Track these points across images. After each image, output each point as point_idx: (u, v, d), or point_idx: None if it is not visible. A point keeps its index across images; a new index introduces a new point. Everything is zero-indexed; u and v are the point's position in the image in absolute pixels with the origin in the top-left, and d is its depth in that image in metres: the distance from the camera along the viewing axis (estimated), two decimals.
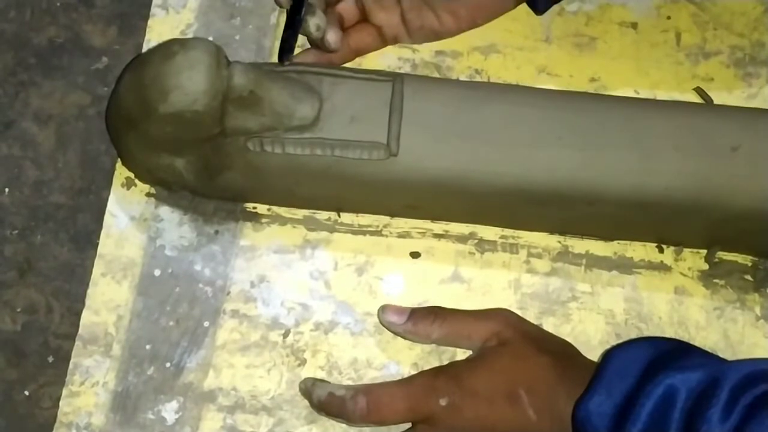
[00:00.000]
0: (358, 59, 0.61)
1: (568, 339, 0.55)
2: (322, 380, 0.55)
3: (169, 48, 0.51)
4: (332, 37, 0.57)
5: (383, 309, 0.56)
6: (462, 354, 0.56)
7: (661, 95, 0.61)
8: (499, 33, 0.62)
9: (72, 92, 0.61)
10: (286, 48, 0.56)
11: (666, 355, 0.48)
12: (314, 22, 0.56)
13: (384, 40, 0.61)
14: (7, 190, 0.59)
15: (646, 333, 0.57)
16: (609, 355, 0.50)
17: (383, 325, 0.56)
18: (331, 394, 0.53)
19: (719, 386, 0.45)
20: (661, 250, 0.59)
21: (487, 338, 0.53)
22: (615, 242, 0.59)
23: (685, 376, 0.46)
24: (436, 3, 0.59)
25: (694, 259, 0.59)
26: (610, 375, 0.48)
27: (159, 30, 0.61)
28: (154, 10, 0.62)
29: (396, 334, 0.56)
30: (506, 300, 0.58)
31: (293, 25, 0.56)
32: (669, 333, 0.57)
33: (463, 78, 0.61)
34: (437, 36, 0.61)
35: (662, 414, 0.46)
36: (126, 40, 0.62)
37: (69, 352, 0.56)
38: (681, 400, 0.45)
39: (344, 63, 0.59)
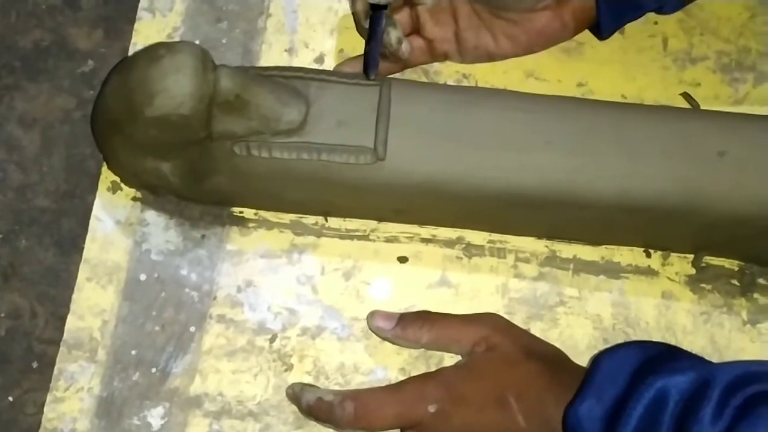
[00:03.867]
0: None
1: (556, 344, 0.55)
2: (311, 385, 0.55)
3: (155, 51, 0.51)
4: (407, 47, 0.56)
5: (372, 315, 0.55)
6: (450, 359, 0.56)
7: (648, 100, 0.61)
8: None
9: (57, 96, 0.60)
10: (372, 63, 0.55)
11: (655, 358, 0.48)
12: (396, 34, 0.56)
13: (434, 54, 0.60)
14: None
15: (634, 338, 0.57)
16: (598, 359, 0.49)
17: (372, 331, 0.56)
18: (320, 399, 0.53)
19: (710, 388, 0.45)
20: (649, 255, 0.59)
21: (476, 343, 0.53)
22: (602, 247, 0.59)
23: (675, 378, 0.46)
24: (496, 25, 0.58)
25: (681, 264, 0.59)
26: (599, 379, 0.48)
27: (145, 33, 0.61)
28: (140, 13, 0.62)
29: (385, 339, 0.56)
30: (494, 305, 0.58)
31: (376, 38, 0.55)
32: (656, 337, 0.57)
33: (450, 82, 0.61)
34: (490, 58, 0.60)
35: (653, 417, 0.46)
36: (112, 43, 0.61)
37: (53, 357, 0.55)
38: (672, 402, 0.45)
39: (390, 74, 0.59)
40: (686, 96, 0.62)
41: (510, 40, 0.59)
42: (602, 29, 0.59)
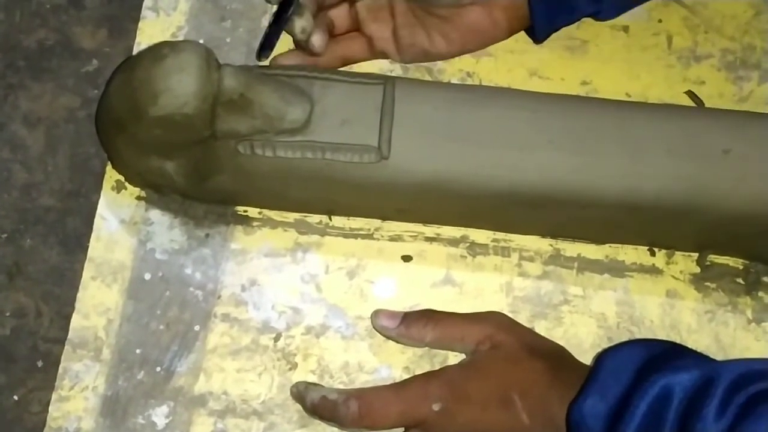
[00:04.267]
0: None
1: (560, 342, 0.55)
2: (315, 384, 0.55)
3: (159, 50, 0.51)
4: (317, 41, 0.57)
5: (376, 314, 0.55)
6: (455, 357, 0.56)
7: (653, 98, 0.61)
8: None
9: (62, 95, 0.60)
10: (266, 45, 0.56)
11: (659, 356, 0.48)
12: (300, 23, 0.56)
13: (373, 52, 0.60)
14: None
15: (638, 336, 0.57)
16: (602, 357, 0.50)
17: (376, 330, 0.56)
18: (324, 397, 0.53)
19: (713, 385, 0.45)
20: (653, 254, 0.59)
21: (480, 341, 0.53)
22: (607, 245, 0.59)
23: (679, 376, 0.46)
24: (430, 23, 0.59)
25: (685, 263, 0.59)
26: (604, 377, 0.48)
27: (149, 32, 0.61)
28: (144, 12, 0.62)
29: (389, 338, 0.56)
30: (498, 303, 0.58)
31: (278, 23, 0.56)
32: (661, 336, 0.57)
33: (454, 81, 0.61)
34: (426, 57, 0.60)
35: (657, 414, 0.46)
36: (116, 42, 0.61)
37: (58, 356, 0.55)
38: (676, 399, 0.45)
39: (332, 67, 0.59)
40: (690, 94, 0.62)
41: (443, 37, 0.59)
42: (536, 31, 0.59)
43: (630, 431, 0.46)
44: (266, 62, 0.59)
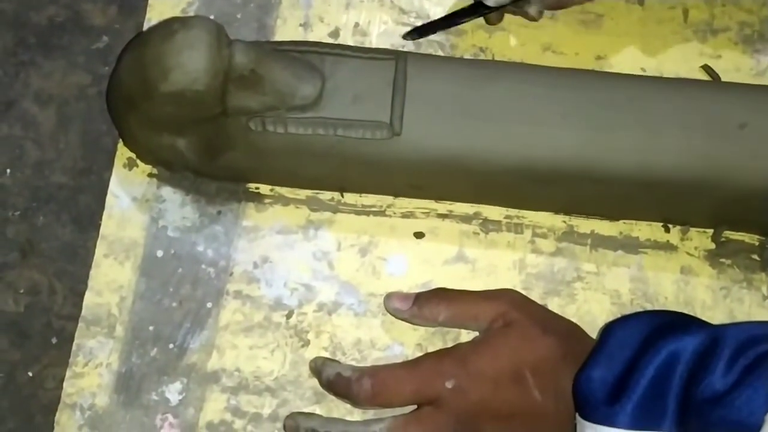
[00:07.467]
0: (360, 38, 0.61)
1: (574, 319, 0.55)
2: (333, 360, 0.55)
3: (169, 26, 0.51)
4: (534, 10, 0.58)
5: (388, 297, 0.55)
6: (467, 334, 0.56)
7: (668, 73, 0.61)
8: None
9: (72, 72, 0.60)
10: (424, 31, 0.59)
11: (666, 325, 0.48)
12: (536, 8, 0.58)
13: None
14: (8, 170, 0.59)
15: None
16: (609, 328, 0.50)
17: (389, 313, 0.55)
18: (338, 374, 0.53)
19: (719, 346, 0.45)
20: (668, 230, 0.59)
21: (493, 319, 0.53)
22: (621, 222, 0.59)
23: (684, 341, 0.46)
24: None
25: (700, 239, 0.59)
26: (610, 346, 0.48)
27: (160, 9, 0.61)
28: None
29: (402, 320, 0.55)
30: (511, 280, 0.57)
31: (449, 21, 0.59)
32: None
33: (467, 56, 0.61)
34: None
35: (662, 380, 0.46)
36: (126, 19, 0.61)
37: (72, 333, 0.56)
38: (682, 363, 0.46)
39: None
40: (707, 68, 0.61)
41: None
42: None
43: (635, 396, 0.46)
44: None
